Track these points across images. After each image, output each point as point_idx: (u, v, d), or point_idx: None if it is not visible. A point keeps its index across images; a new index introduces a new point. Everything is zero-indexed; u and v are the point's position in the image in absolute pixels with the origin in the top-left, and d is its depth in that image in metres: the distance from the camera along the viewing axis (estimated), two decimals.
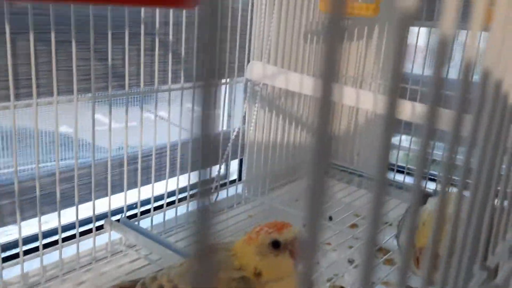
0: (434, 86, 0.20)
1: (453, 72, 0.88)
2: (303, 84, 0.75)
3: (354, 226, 0.94)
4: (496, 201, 0.33)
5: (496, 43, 0.27)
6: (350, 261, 0.82)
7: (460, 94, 0.23)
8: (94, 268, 0.73)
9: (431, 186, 0.99)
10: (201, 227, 0.13)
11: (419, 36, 1.07)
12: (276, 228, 0.50)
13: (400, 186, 1.02)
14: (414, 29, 1.11)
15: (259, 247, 0.49)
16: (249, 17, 0.93)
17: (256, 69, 0.80)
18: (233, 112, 1.03)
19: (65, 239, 0.74)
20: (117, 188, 0.82)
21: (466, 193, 0.28)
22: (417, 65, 1.08)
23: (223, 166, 1.08)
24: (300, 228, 0.51)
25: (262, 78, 0.80)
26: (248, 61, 0.94)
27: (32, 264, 0.71)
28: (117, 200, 0.82)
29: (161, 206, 0.89)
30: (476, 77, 0.30)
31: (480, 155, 0.29)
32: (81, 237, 0.76)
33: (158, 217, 0.88)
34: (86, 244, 0.77)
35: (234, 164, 1.12)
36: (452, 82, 0.26)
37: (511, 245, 0.37)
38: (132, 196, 0.83)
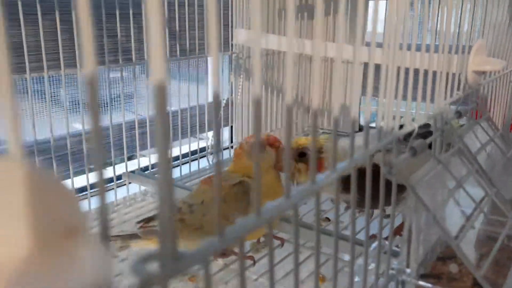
0: None
1: None
2: (281, 43, 0.90)
3: None
4: None
5: None
6: (332, 200, 0.97)
7: None
8: (117, 211, 0.85)
9: None
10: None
11: None
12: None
13: None
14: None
15: (250, 152, 0.63)
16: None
17: (240, 35, 0.95)
18: (221, 83, 1.17)
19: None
20: (129, 149, 0.95)
21: None
22: None
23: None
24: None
25: (246, 42, 0.95)
26: (232, 37, 1.08)
27: None
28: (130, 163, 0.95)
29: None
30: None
31: None
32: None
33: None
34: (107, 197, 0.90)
35: (225, 132, 1.26)
36: None
37: None
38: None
